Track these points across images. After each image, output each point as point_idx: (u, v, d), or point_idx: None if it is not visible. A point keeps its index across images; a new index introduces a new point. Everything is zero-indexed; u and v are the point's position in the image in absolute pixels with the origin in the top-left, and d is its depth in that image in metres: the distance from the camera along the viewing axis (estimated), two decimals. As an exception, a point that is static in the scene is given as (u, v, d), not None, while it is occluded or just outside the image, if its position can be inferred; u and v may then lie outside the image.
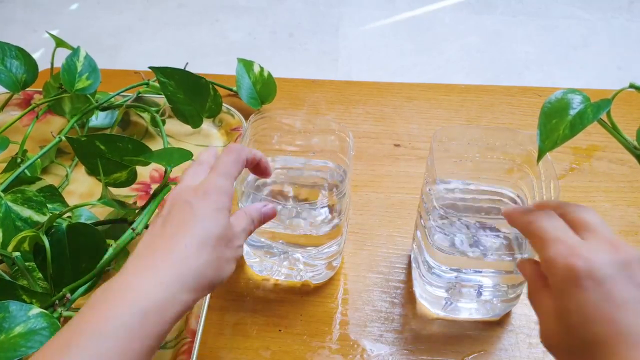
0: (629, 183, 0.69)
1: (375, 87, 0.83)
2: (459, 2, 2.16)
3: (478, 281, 0.52)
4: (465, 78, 1.81)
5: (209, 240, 0.39)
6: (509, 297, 0.53)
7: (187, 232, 0.39)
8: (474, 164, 0.54)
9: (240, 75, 0.75)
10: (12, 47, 0.67)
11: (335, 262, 0.58)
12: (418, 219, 0.54)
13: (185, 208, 0.40)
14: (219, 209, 0.41)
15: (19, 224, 0.55)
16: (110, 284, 0.37)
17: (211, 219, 0.40)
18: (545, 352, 0.53)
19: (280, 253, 0.55)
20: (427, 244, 0.51)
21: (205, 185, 0.42)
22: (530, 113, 0.79)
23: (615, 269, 0.34)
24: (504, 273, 0.51)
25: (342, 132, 0.55)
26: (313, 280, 0.58)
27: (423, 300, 0.56)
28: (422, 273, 0.54)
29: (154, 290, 0.36)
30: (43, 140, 0.71)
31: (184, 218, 0.40)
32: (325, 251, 0.55)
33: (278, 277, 0.58)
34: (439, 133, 0.52)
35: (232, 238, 0.41)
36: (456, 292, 0.52)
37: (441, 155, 0.52)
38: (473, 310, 0.55)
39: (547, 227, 0.37)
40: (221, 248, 0.40)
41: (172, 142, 0.72)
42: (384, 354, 0.53)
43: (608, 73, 1.84)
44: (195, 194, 0.41)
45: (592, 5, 2.14)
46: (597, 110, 0.39)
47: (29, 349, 0.43)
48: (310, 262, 0.56)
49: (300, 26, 2.01)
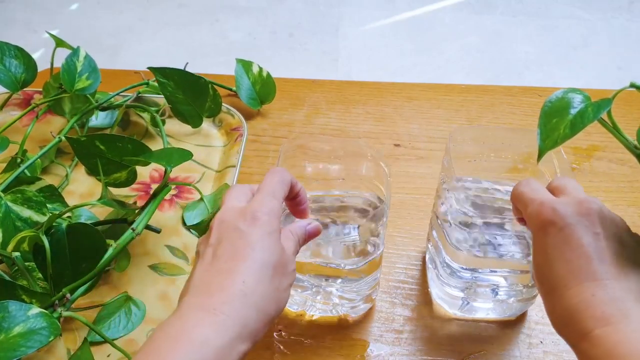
0: (629, 183, 0.69)
1: (376, 87, 0.83)
2: (459, 2, 2.16)
3: (494, 281, 0.51)
4: (465, 78, 1.81)
5: (266, 270, 0.38)
6: (524, 297, 0.53)
7: (242, 265, 0.37)
8: (489, 163, 0.53)
9: (239, 75, 0.75)
10: (11, 46, 0.67)
11: (374, 294, 0.55)
12: (434, 219, 0.54)
13: (236, 236, 0.38)
14: (270, 233, 0.39)
15: (18, 224, 0.55)
16: (166, 327, 0.35)
17: (265, 246, 0.38)
18: (545, 352, 0.53)
19: (313, 287, 0.52)
20: (445, 244, 0.51)
21: (253, 207, 0.40)
22: (531, 113, 0.78)
23: (575, 219, 0.39)
24: (519, 273, 0.50)
25: (376, 157, 0.52)
26: (352, 313, 0.55)
27: (440, 300, 0.56)
28: (439, 274, 0.53)
29: (212, 337, 0.34)
30: (43, 140, 0.71)
31: (236, 248, 0.38)
32: (364, 284, 0.52)
33: (312, 313, 0.55)
34: (455, 133, 0.52)
35: (286, 263, 0.40)
36: (472, 292, 0.52)
37: (456, 156, 0.51)
38: (489, 310, 0.54)
39: (527, 190, 0.43)
40: (278, 277, 0.39)
41: (172, 142, 0.72)
42: (384, 354, 0.53)
43: (608, 73, 1.84)
44: (243, 219, 0.39)
45: (592, 5, 2.14)
46: (598, 109, 0.39)
47: (28, 349, 0.43)
48: (346, 296, 0.53)
49: (300, 26, 2.01)
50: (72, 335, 0.53)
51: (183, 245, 0.61)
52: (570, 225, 0.39)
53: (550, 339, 0.54)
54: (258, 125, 0.76)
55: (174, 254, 0.60)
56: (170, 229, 0.62)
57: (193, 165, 0.69)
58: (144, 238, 0.61)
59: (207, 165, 0.70)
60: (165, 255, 0.60)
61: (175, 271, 0.58)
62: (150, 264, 0.59)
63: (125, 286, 0.57)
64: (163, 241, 0.61)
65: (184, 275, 0.58)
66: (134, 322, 0.54)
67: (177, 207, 0.65)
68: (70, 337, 0.53)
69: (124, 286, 0.57)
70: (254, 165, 0.70)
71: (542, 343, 0.54)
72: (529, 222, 0.42)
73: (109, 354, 0.52)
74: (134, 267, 0.58)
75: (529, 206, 0.42)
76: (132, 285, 0.57)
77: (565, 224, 0.39)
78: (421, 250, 0.61)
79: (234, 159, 0.68)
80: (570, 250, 0.38)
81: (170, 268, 0.59)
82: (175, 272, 0.58)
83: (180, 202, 0.65)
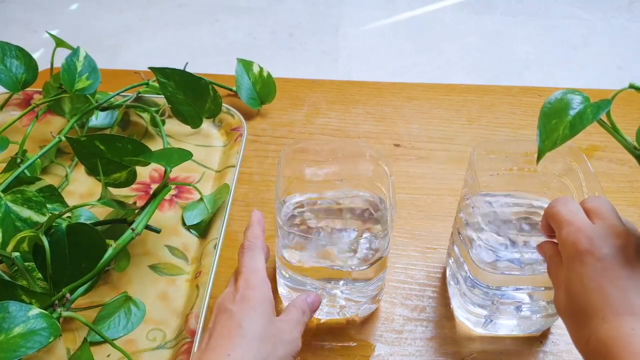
0: (629, 183, 0.69)
1: (376, 87, 0.83)
2: (459, 2, 2.16)
3: (518, 298, 0.51)
4: (465, 78, 1.81)
5: (252, 342, 0.41)
6: (549, 313, 0.52)
7: (229, 341, 0.41)
8: (511, 177, 0.53)
9: (239, 75, 0.75)
10: (12, 46, 0.67)
11: (379, 295, 0.54)
12: (456, 235, 0.53)
13: (226, 317, 0.43)
14: (255, 307, 0.43)
15: (18, 224, 0.55)
16: None
17: (252, 321, 0.42)
18: (545, 352, 0.53)
19: (318, 290, 0.52)
20: (468, 260, 0.50)
21: (240, 286, 0.44)
22: (531, 113, 0.79)
23: (613, 250, 0.39)
24: (543, 289, 0.50)
25: (376, 157, 0.52)
26: (359, 314, 0.55)
27: (464, 319, 0.55)
28: (462, 291, 0.52)
29: None
30: (43, 140, 0.71)
31: (226, 327, 0.42)
32: (370, 285, 0.52)
33: (320, 317, 0.55)
34: (479, 146, 0.51)
35: (278, 333, 0.43)
36: (496, 309, 0.51)
37: (479, 168, 0.50)
38: (513, 327, 0.53)
39: (563, 211, 0.42)
40: (269, 347, 0.42)
41: (172, 142, 0.72)
42: (384, 354, 0.53)
43: (608, 73, 1.84)
44: (233, 300, 0.43)
45: (592, 5, 2.14)
46: (597, 110, 0.39)
47: (28, 349, 0.43)
48: (352, 298, 0.52)
49: (300, 26, 2.01)
50: (72, 335, 0.53)
51: (183, 245, 0.61)
52: (608, 256, 0.38)
53: (550, 339, 0.54)
54: (258, 125, 0.76)
55: (173, 254, 0.60)
56: (170, 229, 0.62)
57: (193, 165, 0.69)
58: (144, 238, 0.61)
59: (207, 165, 0.70)
60: (165, 255, 0.60)
61: (175, 271, 0.58)
62: (150, 264, 0.59)
63: (125, 286, 0.57)
64: (163, 241, 0.61)
65: (184, 275, 0.58)
66: (133, 322, 0.54)
67: (177, 207, 0.65)
68: (70, 337, 0.53)
69: (124, 286, 0.57)
70: (254, 165, 0.70)
71: (542, 343, 0.54)
72: (563, 245, 0.41)
73: (109, 354, 0.52)
74: (134, 267, 0.59)
75: (564, 229, 0.41)
76: (131, 285, 0.57)
77: (603, 255, 0.38)
78: (421, 250, 0.61)
79: (233, 159, 0.68)
80: (608, 281, 0.38)
81: (170, 268, 0.59)
82: (175, 272, 0.58)
83: (180, 202, 0.65)
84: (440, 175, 0.70)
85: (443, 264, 0.60)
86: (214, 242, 0.59)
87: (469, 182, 0.50)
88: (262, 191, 0.67)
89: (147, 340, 0.53)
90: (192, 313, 0.54)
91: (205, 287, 0.55)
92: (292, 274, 0.51)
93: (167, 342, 0.53)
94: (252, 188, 0.68)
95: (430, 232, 0.63)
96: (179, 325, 0.54)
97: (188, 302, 0.55)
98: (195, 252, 0.60)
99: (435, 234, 0.63)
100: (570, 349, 0.53)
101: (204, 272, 0.57)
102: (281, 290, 0.55)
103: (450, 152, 0.73)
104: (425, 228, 0.64)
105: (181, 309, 0.55)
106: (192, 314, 0.53)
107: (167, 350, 0.52)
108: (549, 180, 0.52)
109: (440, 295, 0.57)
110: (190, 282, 0.57)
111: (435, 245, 0.62)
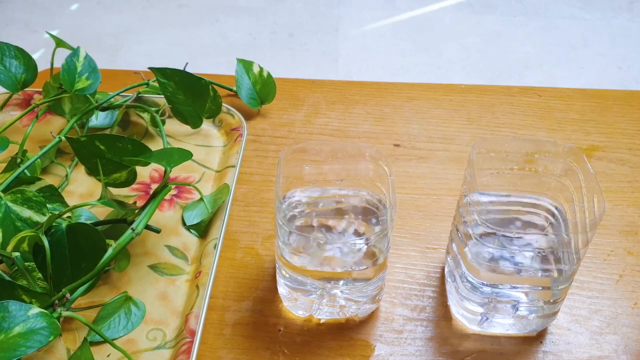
0: (629, 183, 0.69)
1: (375, 87, 0.83)
2: (459, 2, 2.16)
3: (515, 297, 0.51)
4: (465, 78, 1.81)
5: None
6: (545, 313, 0.52)
7: None
8: (511, 176, 0.53)
9: (239, 75, 0.75)
10: (11, 47, 0.67)
11: (379, 295, 0.54)
12: (454, 232, 0.53)
13: None
14: None
15: (18, 224, 0.55)
16: None
17: None
18: (545, 352, 0.53)
19: (317, 290, 0.52)
20: (465, 258, 0.50)
21: None
22: (531, 113, 0.79)
23: None
24: (540, 289, 0.50)
25: (376, 157, 0.51)
26: (360, 314, 0.54)
27: (459, 316, 0.55)
28: (458, 288, 0.52)
29: None
30: (43, 140, 0.71)
31: None
32: (370, 285, 0.52)
33: (320, 317, 0.55)
34: (479, 145, 0.51)
35: None
36: (492, 308, 0.51)
37: (479, 167, 0.50)
38: (509, 326, 0.53)
39: None
40: None
41: (172, 142, 0.72)
42: (384, 354, 0.53)
43: (608, 73, 1.84)
44: None
45: (592, 5, 2.14)
46: None
47: (28, 349, 0.43)
48: (352, 298, 0.52)
49: (300, 26, 2.01)
50: (72, 335, 0.53)
51: (183, 245, 0.61)
52: None
53: (549, 339, 0.54)
54: (258, 126, 0.76)
55: (173, 254, 0.60)
56: (170, 229, 0.62)
57: (193, 165, 0.69)
58: (144, 238, 0.61)
59: (207, 165, 0.70)
60: (165, 255, 0.60)
61: (175, 271, 0.59)
62: (150, 264, 0.59)
63: (125, 286, 0.57)
64: (163, 241, 0.61)
65: (184, 275, 0.58)
66: (133, 322, 0.54)
67: (177, 207, 0.65)
68: (70, 337, 0.53)
69: (124, 286, 0.57)
70: (254, 165, 0.70)
71: (542, 343, 0.54)
72: None
73: (109, 353, 0.52)
74: (134, 267, 0.59)
75: None
76: (131, 285, 0.57)
77: None
78: (421, 250, 0.61)
79: (233, 159, 0.68)
80: None
81: (170, 268, 0.59)
82: (175, 272, 0.58)
83: (180, 202, 0.65)
84: (440, 175, 0.70)
85: (443, 264, 0.60)
86: (214, 242, 0.59)
87: (467, 179, 0.50)
88: (262, 191, 0.67)
89: (147, 340, 0.53)
90: (192, 313, 0.54)
91: (205, 287, 0.55)
92: (292, 273, 0.51)
93: (167, 342, 0.53)
94: (252, 188, 0.68)
95: (430, 232, 0.63)
96: (179, 325, 0.54)
97: (188, 302, 0.55)
98: (195, 252, 0.60)
99: (435, 234, 0.63)
100: (570, 349, 0.53)
101: (204, 272, 0.57)
102: (281, 290, 0.55)
103: (450, 152, 0.73)
104: (425, 228, 0.64)
105: (181, 309, 0.55)
106: (192, 314, 0.53)
107: (167, 350, 0.52)
108: (549, 180, 0.52)
109: (440, 295, 0.57)
110: (190, 282, 0.57)
111: (435, 245, 0.62)
